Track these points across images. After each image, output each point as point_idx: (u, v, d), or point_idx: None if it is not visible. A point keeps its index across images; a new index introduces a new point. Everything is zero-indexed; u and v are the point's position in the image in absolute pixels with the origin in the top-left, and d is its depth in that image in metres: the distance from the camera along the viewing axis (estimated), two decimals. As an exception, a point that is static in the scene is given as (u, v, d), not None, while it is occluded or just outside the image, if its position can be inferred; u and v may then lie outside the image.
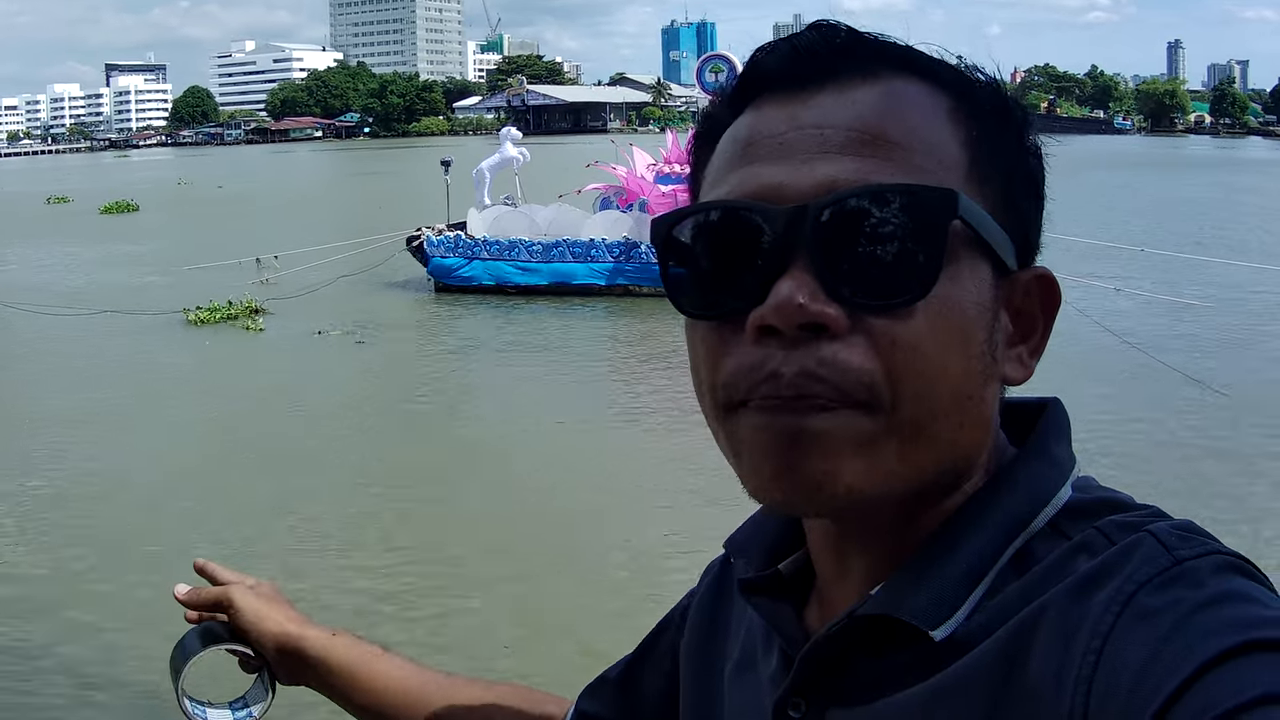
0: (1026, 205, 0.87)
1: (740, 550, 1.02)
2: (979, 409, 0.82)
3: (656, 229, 0.87)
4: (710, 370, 0.83)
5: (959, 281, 0.80)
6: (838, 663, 0.86)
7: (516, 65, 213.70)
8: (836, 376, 0.77)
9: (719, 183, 0.86)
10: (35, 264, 28.10)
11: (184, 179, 67.21)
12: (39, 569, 8.58)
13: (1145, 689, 0.65)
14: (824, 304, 0.77)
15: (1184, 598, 0.68)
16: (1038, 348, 0.88)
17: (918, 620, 0.80)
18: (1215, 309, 18.51)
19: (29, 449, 11.70)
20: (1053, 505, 0.83)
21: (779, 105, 0.85)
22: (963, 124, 0.84)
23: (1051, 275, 0.88)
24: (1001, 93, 0.87)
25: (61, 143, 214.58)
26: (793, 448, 0.78)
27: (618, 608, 7.51)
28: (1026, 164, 0.87)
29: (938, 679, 0.79)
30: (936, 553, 0.83)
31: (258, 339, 18.16)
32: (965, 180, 0.82)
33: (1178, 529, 0.76)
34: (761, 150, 0.83)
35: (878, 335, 0.77)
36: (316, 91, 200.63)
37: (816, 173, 0.80)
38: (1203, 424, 11.86)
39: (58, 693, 6.74)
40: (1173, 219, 33.62)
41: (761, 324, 0.78)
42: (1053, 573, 0.78)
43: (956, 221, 0.79)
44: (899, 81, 0.84)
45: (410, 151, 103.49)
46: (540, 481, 10.40)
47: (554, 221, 22.24)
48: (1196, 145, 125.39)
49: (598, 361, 16.00)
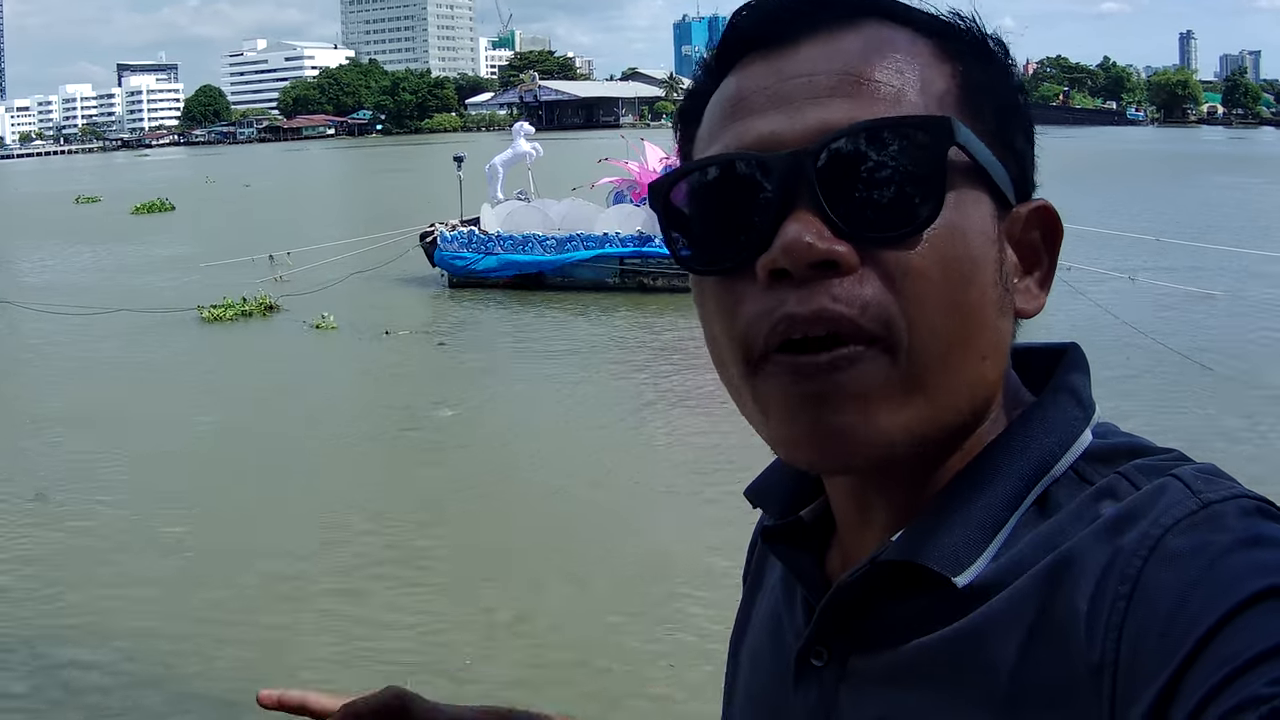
0: (1019, 140, 0.87)
1: (761, 498, 1.01)
2: (996, 338, 0.82)
3: (655, 191, 0.87)
4: (726, 324, 0.83)
5: (962, 210, 0.80)
6: (859, 610, 0.86)
7: (529, 61, 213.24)
8: (855, 312, 0.77)
9: (712, 142, 0.86)
10: (75, 266, 28.11)
11: (211, 177, 66.70)
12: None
13: (1175, 633, 0.65)
14: (832, 241, 0.77)
15: (1211, 541, 0.68)
16: (1045, 279, 0.88)
17: (940, 566, 0.80)
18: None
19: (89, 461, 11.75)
20: (1074, 450, 0.83)
21: (764, 61, 0.85)
22: (948, 61, 0.84)
23: (1051, 206, 0.88)
24: (983, 34, 0.87)
25: (74, 143, 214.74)
26: (821, 404, 0.78)
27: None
28: (1014, 98, 0.87)
29: (960, 624, 0.78)
30: (958, 498, 0.83)
31: (332, 337, 17.86)
32: (958, 110, 0.82)
33: (1203, 472, 0.75)
34: (752, 104, 0.84)
35: (889, 267, 0.77)
36: (329, 89, 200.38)
37: (809, 118, 0.80)
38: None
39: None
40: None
41: (773, 267, 0.78)
42: (1076, 518, 0.77)
43: (954, 148, 0.79)
44: (880, 28, 0.84)
45: (423, 148, 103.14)
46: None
47: (567, 216, 22.23)
48: (1213, 136, 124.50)
49: (625, 363, 15.94)
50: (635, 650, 7.01)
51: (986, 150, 0.82)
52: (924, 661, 0.80)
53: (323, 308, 19.49)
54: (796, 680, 0.90)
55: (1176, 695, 0.63)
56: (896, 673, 0.82)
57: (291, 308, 19.88)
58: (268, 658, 6.88)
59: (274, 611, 7.60)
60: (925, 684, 0.80)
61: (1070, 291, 15.90)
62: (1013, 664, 0.74)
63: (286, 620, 7.50)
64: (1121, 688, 0.67)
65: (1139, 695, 0.65)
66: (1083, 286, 16.77)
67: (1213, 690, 0.61)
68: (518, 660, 6.87)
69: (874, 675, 0.84)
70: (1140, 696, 0.65)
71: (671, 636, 7.13)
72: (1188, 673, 0.63)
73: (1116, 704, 0.67)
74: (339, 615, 7.55)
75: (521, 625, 7.40)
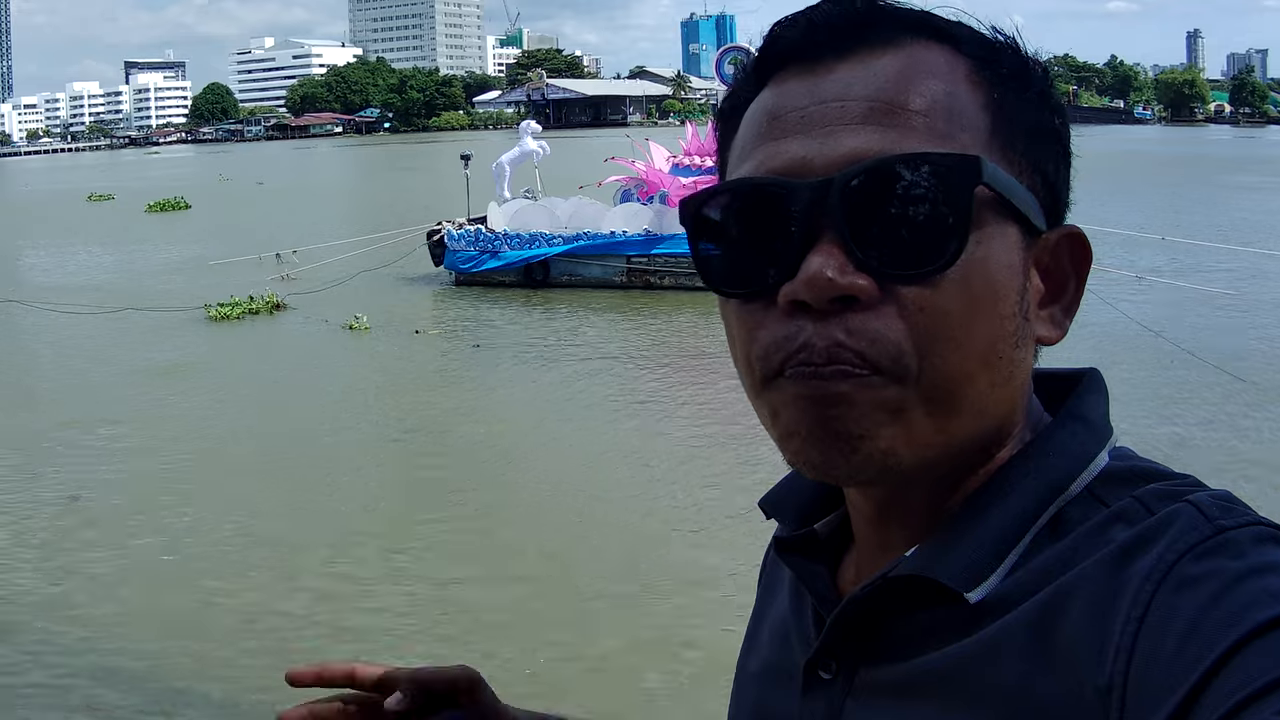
0: (1052, 164, 0.86)
1: (775, 509, 1.02)
2: (1010, 370, 0.82)
3: (685, 208, 0.88)
4: (745, 345, 0.84)
5: (987, 245, 0.80)
6: (870, 624, 0.86)
7: (536, 59, 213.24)
8: (864, 345, 0.77)
9: (745, 158, 0.86)
10: (90, 264, 28.10)
11: (224, 175, 66.50)
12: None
13: (1185, 660, 0.65)
14: (854, 276, 0.77)
15: (1225, 567, 0.68)
16: (1071, 306, 0.88)
17: (953, 582, 0.80)
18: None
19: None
20: (1089, 471, 0.83)
21: (800, 79, 0.85)
22: (983, 87, 0.84)
23: (1082, 233, 0.88)
24: (1021, 52, 0.87)
25: (81, 141, 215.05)
26: (828, 410, 0.79)
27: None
28: (1050, 122, 0.87)
29: (970, 640, 0.79)
30: (972, 515, 0.83)
31: (365, 338, 17.71)
32: (989, 144, 0.82)
33: (1218, 499, 0.75)
34: (785, 124, 0.84)
35: (907, 303, 0.78)
36: (336, 87, 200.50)
37: (841, 145, 0.80)
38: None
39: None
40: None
41: (794, 299, 0.79)
42: (1090, 539, 0.78)
43: (981, 187, 0.79)
44: (918, 48, 0.84)
45: (430, 146, 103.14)
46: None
47: (574, 214, 22.25)
48: (1220, 135, 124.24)
49: (633, 361, 15.92)
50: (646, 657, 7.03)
51: (1016, 184, 0.82)
52: (932, 676, 0.81)
53: (330, 306, 19.55)
54: (804, 691, 0.91)
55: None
56: (904, 687, 0.82)
57: (299, 306, 19.94)
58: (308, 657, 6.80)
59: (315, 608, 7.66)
60: (932, 699, 0.80)
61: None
62: (1021, 682, 0.74)
63: (328, 616, 7.56)
64: (1130, 711, 0.67)
65: (1146, 719, 0.65)
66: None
67: (1222, 718, 0.61)
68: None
69: (882, 688, 0.85)
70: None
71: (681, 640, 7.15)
72: (1198, 700, 0.63)
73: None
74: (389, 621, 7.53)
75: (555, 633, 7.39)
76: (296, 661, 1.10)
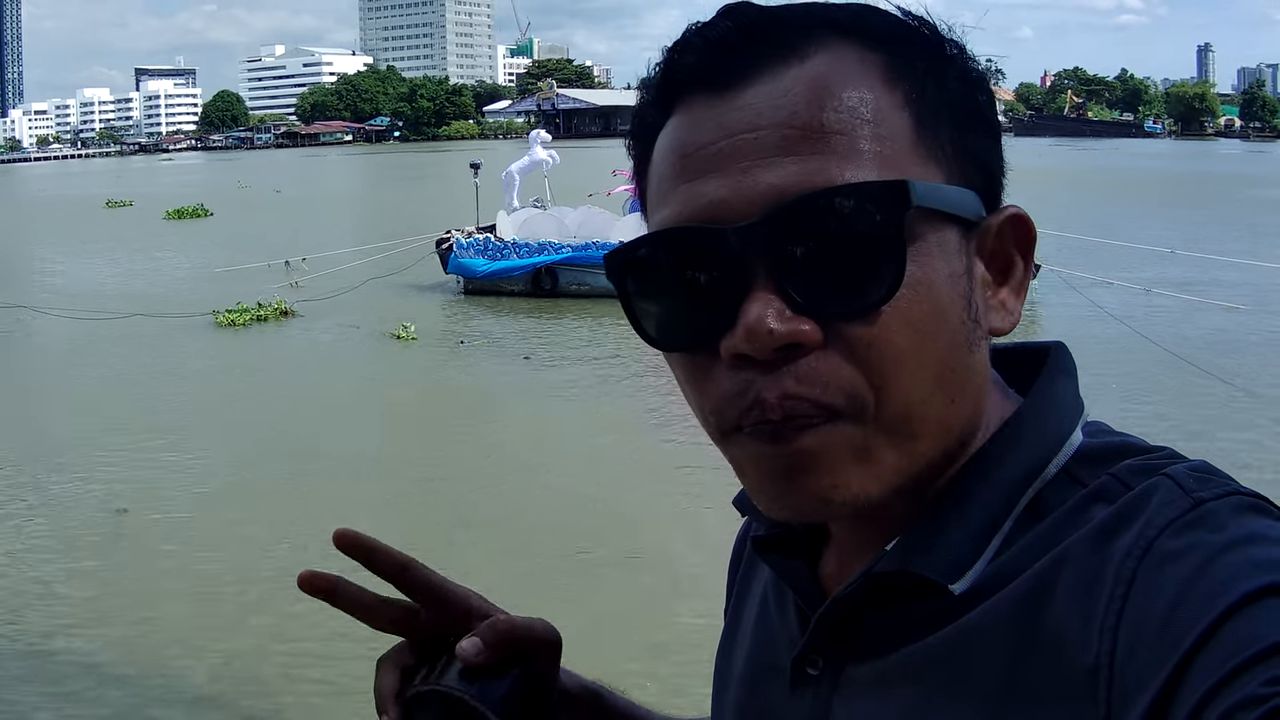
0: (982, 145, 0.83)
1: (750, 507, 0.96)
2: (968, 379, 0.81)
3: (610, 264, 0.84)
4: (696, 398, 0.82)
5: (926, 262, 0.77)
6: (854, 619, 0.85)
7: (546, 69, 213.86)
8: (816, 392, 0.75)
9: (662, 202, 0.82)
10: (112, 270, 27.91)
11: (243, 182, 65.89)
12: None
13: (1170, 635, 0.64)
14: (794, 322, 0.74)
15: (1205, 540, 0.67)
16: (1020, 288, 0.85)
17: (937, 575, 0.79)
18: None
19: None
20: (1064, 452, 0.82)
21: (707, 107, 0.80)
22: (900, 83, 0.79)
23: (1022, 212, 0.84)
24: (935, 32, 0.83)
25: (91, 147, 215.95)
26: (792, 471, 0.77)
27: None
28: (974, 100, 0.83)
29: (954, 629, 0.78)
30: (950, 507, 0.81)
31: (409, 349, 17.41)
32: (913, 147, 0.78)
33: (1195, 470, 0.74)
34: (697, 164, 0.79)
35: (853, 341, 0.75)
36: (346, 95, 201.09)
37: (758, 183, 0.76)
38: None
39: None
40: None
41: (736, 352, 0.76)
42: (1068, 521, 0.77)
43: (912, 210, 0.76)
44: (825, 54, 0.79)
45: (440, 155, 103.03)
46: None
47: (583, 223, 22.26)
48: (1231, 149, 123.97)
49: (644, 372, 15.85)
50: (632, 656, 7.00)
51: (947, 189, 0.79)
52: (919, 667, 0.80)
53: (339, 313, 19.54)
54: (791, 687, 0.90)
55: (1174, 697, 0.62)
56: (892, 679, 0.82)
57: (307, 313, 19.95)
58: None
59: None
60: (921, 689, 0.79)
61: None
62: (1007, 666, 0.74)
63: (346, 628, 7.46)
64: (1118, 690, 0.66)
65: (1136, 698, 0.64)
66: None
67: (1210, 691, 0.60)
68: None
69: (869, 682, 0.84)
70: (1137, 699, 0.64)
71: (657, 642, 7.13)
72: (1185, 674, 0.62)
73: (1113, 706, 0.67)
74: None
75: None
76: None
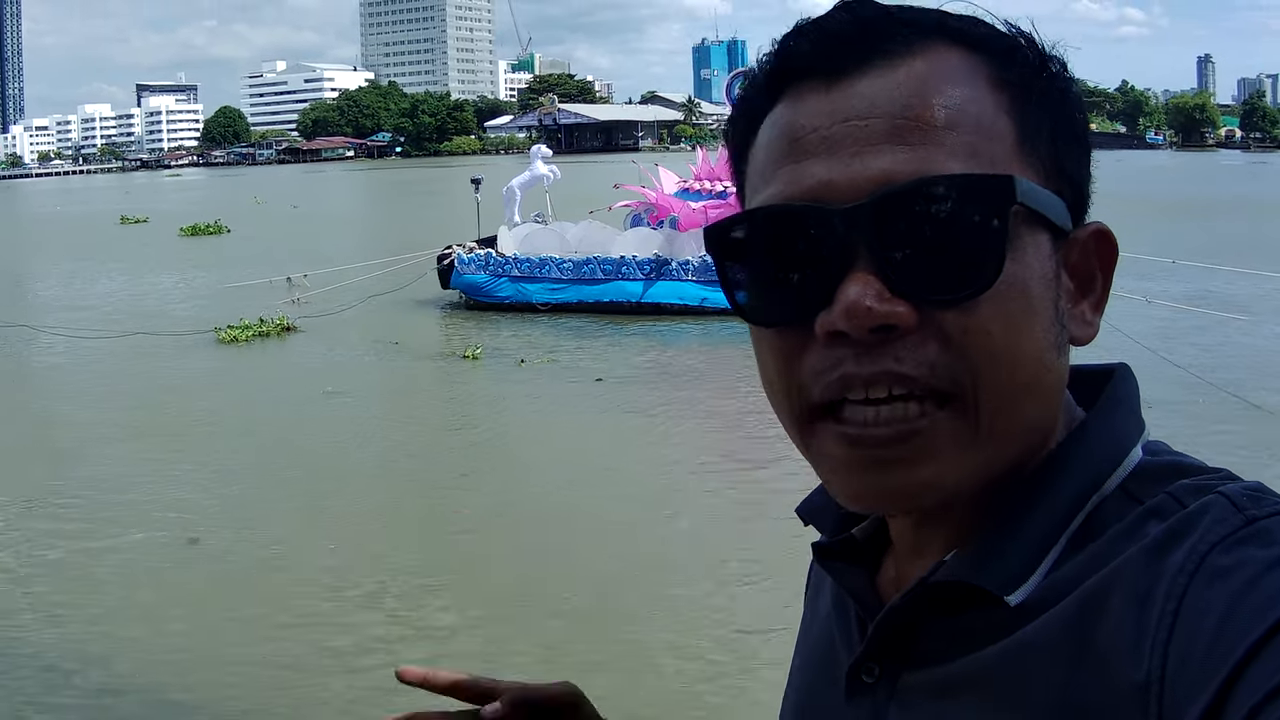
0: (1075, 160, 0.85)
1: (813, 516, 1.01)
2: (1055, 379, 0.83)
3: (710, 236, 0.85)
4: (782, 375, 0.83)
5: (1023, 260, 0.79)
6: (911, 627, 0.86)
7: (548, 84, 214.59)
8: (923, 372, 0.77)
9: (767, 182, 0.84)
10: (132, 288, 27.67)
11: (260, 198, 65.36)
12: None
13: (1220, 649, 0.64)
14: (892, 303, 0.76)
15: (1256, 556, 0.68)
16: (1099, 303, 0.87)
17: (993, 586, 0.80)
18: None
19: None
20: (1124, 468, 0.83)
21: (818, 94, 0.82)
22: (1005, 90, 0.82)
23: (1107, 229, 0.87)
24: (1039, 47, 0.85)
25: (93, 163, 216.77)
26: (886, 467, 0.79)
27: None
28: (1071, 117, 0.85)
29: (1010, 641, 0.78)
30: (1010, 519, 0.82)
31: (476, 368, 16.90)
32: (1015, 150, 0.80)
33: (1249, 490, 0.75)
34: (807, 145, 0.81)
35: (949, 326, 0.77)
36: (348, 111, 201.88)
37: (868, 168, 0.78)
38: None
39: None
40: None
41: (832, 329, 0.78)
42: (1124, 537, 0.77)
43: (1016, 206, 0.77)
44: (936, 54, 0.81)
45: (442, 170, 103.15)
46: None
47: (584, 239, 22.25)
48: (1231, 160, 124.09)
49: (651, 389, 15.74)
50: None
51: (1046, 194, 0.81)
52: (973, 677, 0.80)
53: (342, 329, 19.52)
54: (848, 696, 0.91)
55: (1224, 709, 0.63)
56: (947, 689, 0.82)
57: (309, 329, 19.95)
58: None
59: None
60: (974, 700, 0.80)
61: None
62: (1060, 680, 0.74)
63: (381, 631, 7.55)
64: (1169, 705, 0.67)
65: (1186, 710, 0.65)
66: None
67: (1260, 703, 0.61)
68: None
69: (924, 690, 0.84)
70: (1187, 711, 0.65)
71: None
72: (1234, 686, 0.63)
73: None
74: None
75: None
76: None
